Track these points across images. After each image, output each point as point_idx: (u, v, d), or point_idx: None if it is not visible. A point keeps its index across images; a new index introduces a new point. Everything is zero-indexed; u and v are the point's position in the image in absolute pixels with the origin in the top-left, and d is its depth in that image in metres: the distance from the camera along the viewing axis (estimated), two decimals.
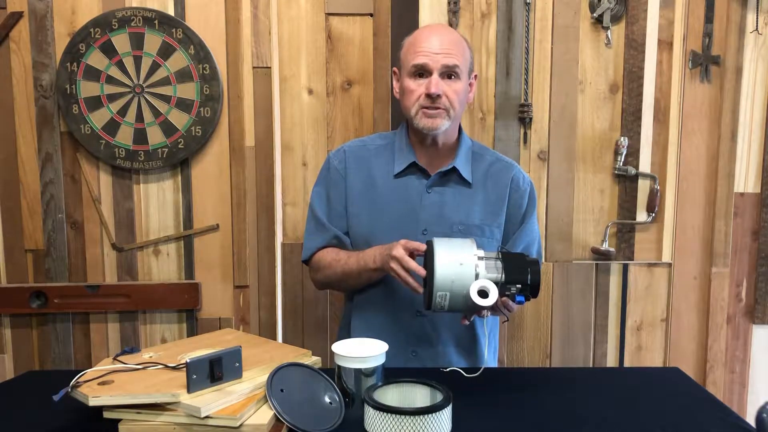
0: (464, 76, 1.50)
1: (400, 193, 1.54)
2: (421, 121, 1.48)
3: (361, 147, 1.61)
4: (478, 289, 1.17)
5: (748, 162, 2.02)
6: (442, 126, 1.48)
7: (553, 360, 2.07)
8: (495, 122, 1.99)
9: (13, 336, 2.04)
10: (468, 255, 1.21)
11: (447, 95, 1.46)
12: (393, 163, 1.56)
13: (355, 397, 1.16)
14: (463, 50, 1.50)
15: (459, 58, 1.47)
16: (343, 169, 1.58)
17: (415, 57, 1.46)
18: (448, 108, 1.47)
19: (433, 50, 1.45)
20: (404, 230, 1.49)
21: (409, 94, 1.49)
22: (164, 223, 2.01)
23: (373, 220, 1.53)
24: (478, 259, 1.21)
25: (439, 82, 1.45)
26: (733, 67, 1.97)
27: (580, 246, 2.04)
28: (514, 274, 1.21)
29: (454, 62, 1.45)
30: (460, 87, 1.48)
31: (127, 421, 1.05)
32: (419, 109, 1.47)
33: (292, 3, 1.95)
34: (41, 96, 1.94)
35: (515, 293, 1.21)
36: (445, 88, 1.45)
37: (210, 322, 2.03)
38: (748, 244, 2.06)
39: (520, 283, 1.21)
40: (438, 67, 1.45)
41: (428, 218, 1.51)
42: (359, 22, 1.96)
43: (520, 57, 1.96)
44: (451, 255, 1.21)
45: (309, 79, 1.98)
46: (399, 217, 1.52)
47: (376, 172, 1.56)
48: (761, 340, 2.09)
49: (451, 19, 1.94)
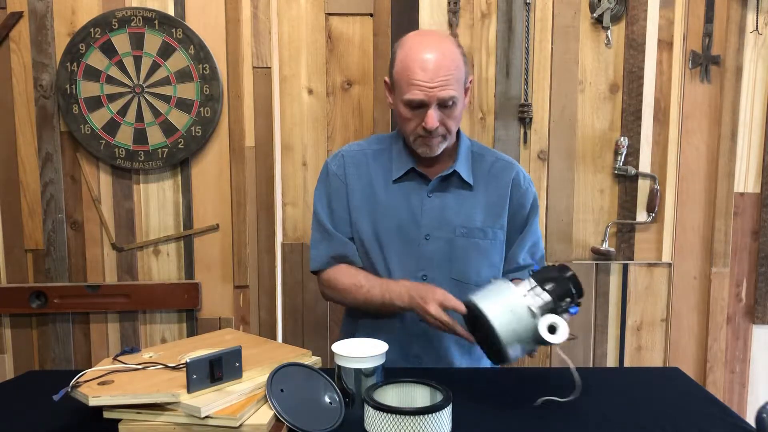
0: (461, 97, 1.43)
1: (401, 199, 1.51)
2: (420, 149, 1.45)
3: (358, 152, 1.58)
4: (548, 327, 1.14)
5: (748, 162, 2.02)
6: (439, 149, 1.45)
7: (553, 360, 2.07)
8: (495, 122, 1.99)
9: (13, 336, 2.04)
10: (513, 297, 1.17)
11: (444, 124, 1.41)
12: (391, 168, 1.53)
13: (355, 397, 1.16)
14: (459, 71, 1.41)
15: (455, 85, 1.39)
16: (343, 174, 1.55)
17: (409, 89, 1.38)
18: (444, 134, 1.43)
19: (428, 83, 1.36)
20: (406, 236, 1.49)
21: (405, 123, 1.44)
22: (164, 223, 2.01)
23: (374, 227, 1.51)
24: (523, 297, 1.17)
25: (435, 115, 1.38)
26: (733, 67, 1.97)
27: (580, 246, 2.04)
28: (559, 290, 1.19)
29: (451, 94, 1.38)
30: (457, 111, 1.43)
31: (127, 421, 1.05)
32: (416, 137, 1.43)
33: (292, 3, 1.95)
34: (41, 96, 1.94)
35: (567, 307, 1.19)
36: (442, 118, 1.40)
37: (210, 322, 2.03)
38: (748, 244, 2.06)
39: (568, 296, 1.19)
40: (434, 101, 1.37)
41: (430, 223, 1.50)
42: (359, 22, 1.96)
43: (520, 57, 1.96)
44: (498, 306, 1.17)
45: (309, 79, 1.98)
46: (400, 224, 1.50)
47: (374, 178, 1.54)
48: (761, 340, 2.09)
49: (451, 19, 1.94)
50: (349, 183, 1.54)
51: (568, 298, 1.18)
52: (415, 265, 1.50)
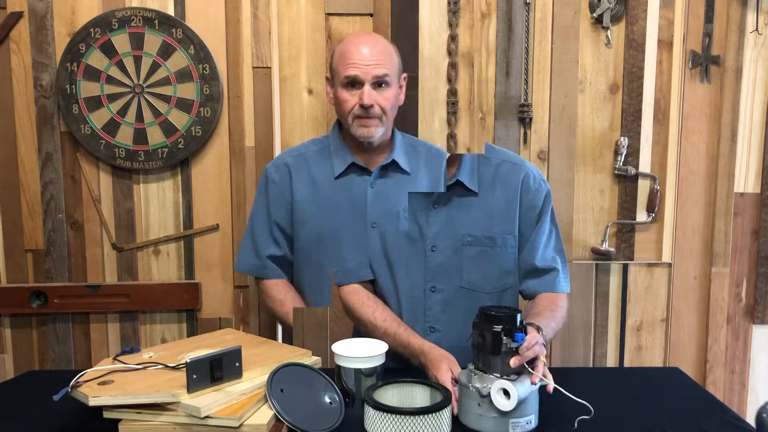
0: (394, 83, 1.57)
1: (344, 193, 1.60)
2: (358, 130, 1.56)
3: (297, 157, 1.67)
4: (500, 391, 1.07)
5: (748, 162, 2.02)
6: (376, 133, 1.56)
7: (553, 360, 2.07)
8: (495, 122, 1.99)
9: (13, 336, 2.04)
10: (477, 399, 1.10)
11: (379, 104, 1.54)
12: (333, 165, 1.63)
13: (355, 397, 1.16)
14: (392, 58, 1.57)
15: (389, 66, 1.54)
16: (282, 181, 1.64)
17: (346, 68, 1.53)
18: (380, 115, 1.55)
19: (363, 61, 1.52)
20: (353, 228, 1.55)
21: (343, 104, 1.56)
22: (164, 223, 2.01)
23: (321, 223, 1.60)
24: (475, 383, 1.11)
25: (371, 92, 1.52)
26: (733, 67, 1.97)
27: (580, 246, 2.04)
28: (486, 345, 1.11)
29: (384, 71, 1.53)
30: (391, 94, 1.56)
31: (127, 421, 1.05)
32: (354, 118, 1.55)
33: (292, 3, 1.95)
34: (41, 96, 1.94)
35: (509, 342, 1.10)
36: (376, 97, 1.53)
37: (210, 322, 2.03)
38: (748, 244, 2.06)
39: (494, 338, 1.10)
40: (369, 78, 1.52)
41: (375, 212, 1.54)
42: (359, 22, 1.96)
43: (520, 57, 1.96)
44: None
45: (309, 79, 1.98)
46: (347, 216, 1.57)
47: (317, 177, 1.63)
48: (761, 340, 2.09)
49: (451, 19, 1.94)
50: (293, 188, 1.64)
51: (504, 336, 1.10)
52: (365, 255, 1.51)
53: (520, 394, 1.05)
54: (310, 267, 1.65)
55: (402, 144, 1.65)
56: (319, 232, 1.62)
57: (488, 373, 1.10)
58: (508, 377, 1.08)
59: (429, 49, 1.96)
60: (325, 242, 1.60)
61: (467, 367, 1.15)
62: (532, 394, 1.09)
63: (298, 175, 1.64)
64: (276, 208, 1.65)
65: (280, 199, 1.65)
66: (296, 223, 1.64)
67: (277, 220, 1.65)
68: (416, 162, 1.62)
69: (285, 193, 1.64)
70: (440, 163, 1.57)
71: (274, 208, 1.65)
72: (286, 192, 1.64)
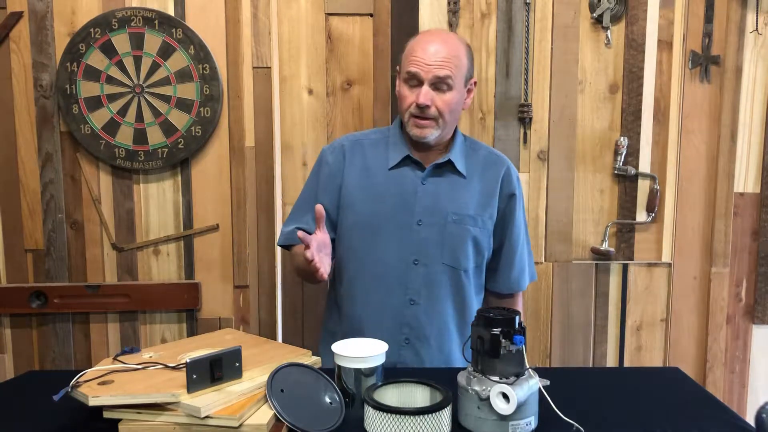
0: (458, 86, 1.51)
1: (396, 185, 1.57)
2: (412, 130, 1.52)
3: (355, 142, 1.64)
4: (499, 394, 1.06)
5: (748, 162, 2.02)
6: (431, 135, 1.52)
7: (553, 360, 2.07)
8: (495, 122, 1.99)
9: (13, 336, 2.04)
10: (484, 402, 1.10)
11: (436, 105, 1.48)
12: (388, 156, 1.59)
13: (355, 397, 1.16)
14: (459, 60, 1.50)
15: (452, 69, 1.48)
16: (336, 163, 1.61)
17: (408, 65, 1.49)
18: (437, 117, 1.50)
19: (426, 60, 1.47)
20: (399, 221, 1.54)
21: (402, 100, 1.53)
22: (164, 223, 2.01)
23: (369, 211, 1.56)
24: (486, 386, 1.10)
25: (429, 92, 1.47)
26: (732, 67, 1.97)
27: (580, 246, 2.04)
28: (485, 348, 1.10)
29: (446, 73, 1.47)
30: (451, 97, 1.50)
31: (127, 421, 1.05)
32: (410, 117, 1.51)
33: (292, 3, 1.95)
34: (41, 96, 1.94)
35: (508, 345, 1.10)
36: (434, 98, 1.48)
37: (210, 322, 2.03)
38: (748, 244, 2.06)
39: (493, 341, 1.09)
40: (429, 78, 1.47)
41: (423, 209, 1.55)
42: (359, 22, 1.96)
43: (520, 57, 1.96)
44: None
45: (309, 79, 1.98)
46: (394, 208, 1.55)
47: (371, 165, 1.60)
48: (761, 340, 2.09)
49: (450, 19, 1.94)
50: (345, 172, 1.60)
51: (503, 338, 1.09)
52: (407, 249, 1.54)
53: (519, 398, 1.05)
54: (350, 254, 1.60)
55: (461, 145, 1.61)
56: (363, 220, 1.56)
57: (487, 375, 1.10)
58: (507, 380, 1.08)
59: None
60: (367, 231, 1.55)
61: (466, 369, 1.16)
62: (531, 396, 1.09)
63: (352, 159, 1.60)
64: (324, 189, 1.61)
65: (331, 180, 1.60)
66: (342, 208, 1.59)
67: (324, 201, 1.58)
68: (473, 165, 1.61)
69: (336, 175, 1.60)
70: (497, 168, 1.62)
71: (322, 190, 1.61)
72: (338, 174, 1.60)
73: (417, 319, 1.55)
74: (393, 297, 1.55)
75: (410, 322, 1.55)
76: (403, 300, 1.55)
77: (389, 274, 1.54)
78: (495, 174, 1.61)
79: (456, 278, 1.57)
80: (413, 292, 1.54)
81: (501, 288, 1.67)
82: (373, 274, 1.56)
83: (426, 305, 1.55)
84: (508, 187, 1.61)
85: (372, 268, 1.56)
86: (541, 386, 1.12)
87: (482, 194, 1.58)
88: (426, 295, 1.55)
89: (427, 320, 1.55)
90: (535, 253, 2.02)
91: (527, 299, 2.04)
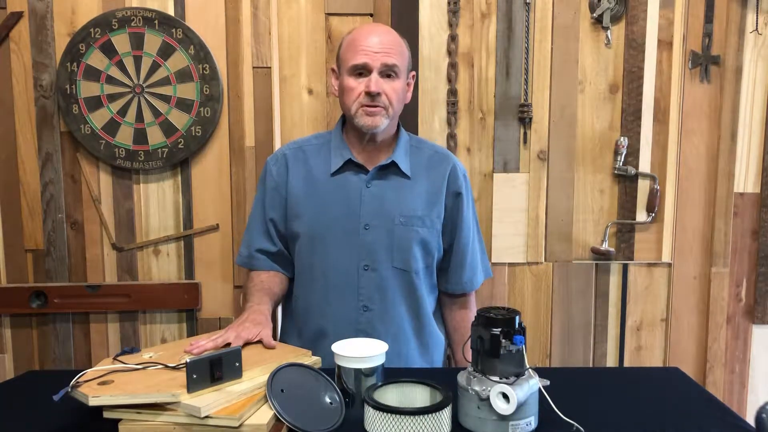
0: (402, 75, 1.54)
1: (340, 190, 1.56)
2: (362, 119, 1.51)
3: (297, 149, 1.64)
4: (499, 394, 1.06)
5: (748, 162, 2.02)
6: (381, 124, 1.51)
7: (552, 360, 2.07)
8: (495, 122, 1.99)
9: (13, 336, 2.04)
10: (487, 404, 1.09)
11: (386, 93, 1.49)
12: (330, 161, 1.59)
13: (355, 397, 1.16)
14: (402, 50, 1.54)
15: (398, 57, 1.50)
16: (280, 175, 1.61)
17: (355, 56, 1.49)
18: (387, 106, 1.50)
19: (372, 49, 1.48)
20: (346, 226, 1.54)
21: (349, 93, 1.51)
22: (164, 223, 2.01)
23: (315, 220, 1.56)
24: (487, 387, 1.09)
25: (379, 80, 1.48)
26: (732, 67, 1.97)
27: (580, 246, 2.04)
28: (485, 348, 1.10)
29: (393, 61, 1.49)
30: (399, 85, 1.52)
31: (127, 421, 1.05)
32: (359, 107, 1.50)
33: (292, 3, 1.95)
34: (41, 96, 1.94)
35: (508, 345, 1.09)
36: (384, 86, 1.49)
37: (210, 322, 2.03)
38: (748, 244, 2.06)
39: (492, 341, 1.09)
40: (377, 66, 1.48)
41: (369, 213, 1.54)
42: (359, 22, 1.96)
43: (520, 57, 1.96)
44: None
45: (309, 79, 1.98)
46: (340, 215, 1.55)
47: (314, 172, 1.59)
48: (761, 340, 2.09)
49: (451, 19, 1.94)
50: (289, 182, 1.60)
51: (503, 339, 1.09)
52: (357, 255, 1.54)
53: (519, 398, 1.05)
54: (301, 264, 1.61)
55: (405, 145, 1.61)
56: (310, 229, 1.57)
57: (487, 375, 1.10)
58: (507, 380, 1.08)
59: (429, 49, 1.96)
60: (316, 240, 1.56)
61: (466, 369, 1.16)
62: (531, 396, 1.09)
63: (295, 168, 1.60)
64: (271, 202, 1.61)
65: (276, 193, 1.61)
66: (289, 220, 1.60)
67: (272, 216, 1.61)
68: (418, 165, 1.60)
69: (281, 187, 1.60)
70: (443, 168, 1.60)
71: (269, 203, 1.62)
72: (282, 185, 1.60)
73: (372, 326, 1.54)
74: (346, 305, 1.54)
75: (365, 329, 1.54)
76: (356, 306, 1.54)
77: (341, 281, 1.54)
78: (441, 172, 1.60)
79: (407, 281, 1.56)
80: (366, 299, 1.54)
81: (454, 288, 1.66)
82: (325, 283, 1.56)
83: (380, 310, 1.55)
84: (454, 185, 1.61)
85: (324, 277, 1.56)
86: (541, 386, 1.12)
87: (429, 193, 1.58)
88: (379, 300, 1.54)
89: (381, 326, 1.55)
90: (535, 252, 2.02)
91: (528, 299, 2.04)
